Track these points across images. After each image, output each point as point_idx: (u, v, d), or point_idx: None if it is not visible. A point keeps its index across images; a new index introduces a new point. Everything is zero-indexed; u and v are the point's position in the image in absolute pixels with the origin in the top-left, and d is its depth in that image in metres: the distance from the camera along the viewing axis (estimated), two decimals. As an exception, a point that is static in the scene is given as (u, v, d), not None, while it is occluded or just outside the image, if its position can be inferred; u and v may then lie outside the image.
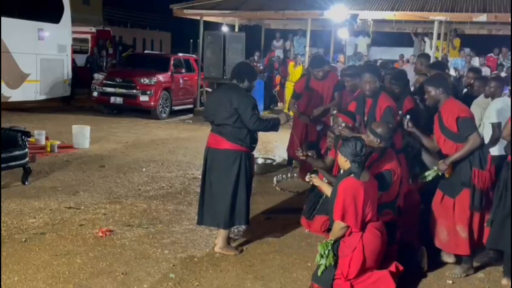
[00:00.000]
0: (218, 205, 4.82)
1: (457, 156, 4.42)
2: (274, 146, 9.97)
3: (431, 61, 13.82)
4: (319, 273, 4.01)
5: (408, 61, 14.98)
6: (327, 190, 4.51)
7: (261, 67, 16.11)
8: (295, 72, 14.46)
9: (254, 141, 4.87)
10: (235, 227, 5.17)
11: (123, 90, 13.82)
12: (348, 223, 3.98)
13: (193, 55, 17.13)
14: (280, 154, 9.19)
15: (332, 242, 4.03)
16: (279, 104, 16.34)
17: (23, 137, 6.83)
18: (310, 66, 6.83)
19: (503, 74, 14.67)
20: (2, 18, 10.72)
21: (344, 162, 4.12)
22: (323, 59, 7.11)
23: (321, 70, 6.59)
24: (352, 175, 4.02)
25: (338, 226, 4.01)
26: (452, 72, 11.72)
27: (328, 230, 5.28)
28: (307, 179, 4.70)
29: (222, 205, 4.80)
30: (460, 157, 4.42)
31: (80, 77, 16.18)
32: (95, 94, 14.29)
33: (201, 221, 5.01)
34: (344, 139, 4.19)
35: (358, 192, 3.97)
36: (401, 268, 4.14)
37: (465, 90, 6.40)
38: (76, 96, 15.73)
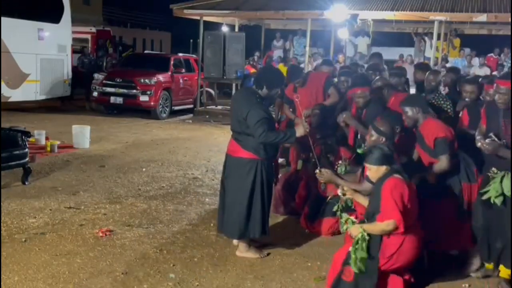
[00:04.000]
0: (231, 215, 4.71)
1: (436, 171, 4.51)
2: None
3: (432, 61, 13.95)
4: (353, 263, 3.85)
5: (407, 61, 14.99)
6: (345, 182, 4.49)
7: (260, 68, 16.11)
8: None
9: (271, 150, 4.68)
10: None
11: (123, 90, 13.83)
12: (398, 223, 3.84)
13: (193, 55, 17.15)
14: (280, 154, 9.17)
15: (368, 237, 3.88)
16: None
17: (23, 137, 6.83)
18: (289, 80, 6.72)
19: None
20: (2, 18, 10.72)
21: (376, 171, 4.03)
22: (298, 69, 6.96)
23: (299, 81, 6.52)
24: (395, 175, 3.94)
25: (386, 227, 3.86)
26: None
27: (334, 233, 5.30)
28: (317, 176, 4.66)
29: (235, 215, 4.68)
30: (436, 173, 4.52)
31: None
32: (95, 94, 14.31)
33: (220, 228, 4.95)
34: (368, 150, 4.15)
35: (404, 190, 3.88)
36: (413, 280, 4.10)
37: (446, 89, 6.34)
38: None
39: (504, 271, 4.33)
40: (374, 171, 4.06)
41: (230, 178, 4.76)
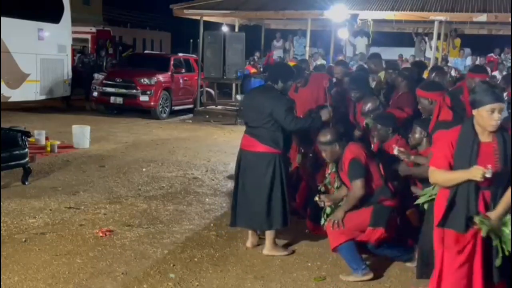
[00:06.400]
0: (255, 208, 4.79)
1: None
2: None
3: (432, 61, 13.95)
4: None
5: (407, 60, 14.99)
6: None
7: (261, 68, 16.11)
8: None
9: (287, 143, 4.84)
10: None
11: (123, 90, 13.83)
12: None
13: (193, 55, 17.14)
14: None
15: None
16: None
17: (23, 137, 6.83)
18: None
19: (503, 74, 14.69)
20: (2, 18, 10.72)
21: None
22: (300, 69, 6.99)
23: (300, 81, 6.55)
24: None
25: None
26: (452, 73, 11.71)
27: None
28: (318, 202, 4.68)
29: (259, 208, 4.76)
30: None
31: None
32: (95, 94, 14.31)
33: (234, 222, 4.99)
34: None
35: None
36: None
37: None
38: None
39: None
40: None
41: (248, 173, 4.82)
